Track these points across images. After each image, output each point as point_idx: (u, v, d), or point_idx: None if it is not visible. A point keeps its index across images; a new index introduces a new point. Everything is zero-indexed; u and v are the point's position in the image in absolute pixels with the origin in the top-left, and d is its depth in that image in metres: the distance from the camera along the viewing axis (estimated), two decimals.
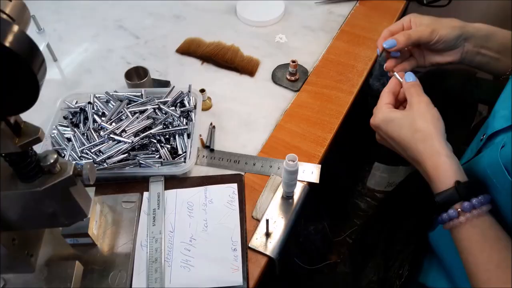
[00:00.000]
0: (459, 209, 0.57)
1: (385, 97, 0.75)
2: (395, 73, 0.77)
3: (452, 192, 0.58)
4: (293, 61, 0.88)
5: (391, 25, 0.83)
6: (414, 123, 0.66)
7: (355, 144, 1.08)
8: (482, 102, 1.13)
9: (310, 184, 0.76)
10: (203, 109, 0.86)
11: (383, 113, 0.71)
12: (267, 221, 0.66)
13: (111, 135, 0.74)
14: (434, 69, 0.91)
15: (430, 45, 0.77)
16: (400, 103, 0.75)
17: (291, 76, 0.90)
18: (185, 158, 0.75)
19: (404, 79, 0.73)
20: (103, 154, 0.73)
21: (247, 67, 0.94)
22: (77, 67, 0.98)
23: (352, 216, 1.12)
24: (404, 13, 1.06)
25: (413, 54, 0.83)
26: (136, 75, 0.87)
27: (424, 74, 0.97)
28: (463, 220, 0.57)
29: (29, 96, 0.41)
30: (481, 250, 0.55)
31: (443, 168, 0.60)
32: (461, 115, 1.13)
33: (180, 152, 0.76)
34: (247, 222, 0.70)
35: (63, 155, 0.76)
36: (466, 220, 0.56)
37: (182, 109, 0.81)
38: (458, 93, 1.14)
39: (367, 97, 0.91)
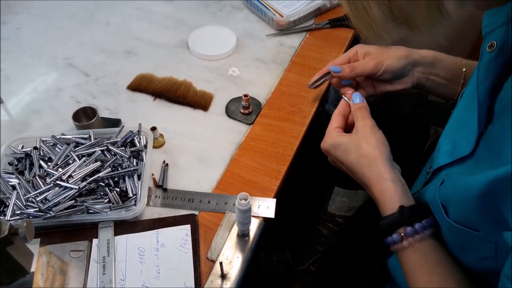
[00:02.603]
0: (402, 234, 0.58)
1: (335, 120, 0.76)
2: (343, 95, 0.78)
3: (395, 217, 0.59)
4: (245, 95, 0.88)
5: (337, 57, 0.85)
6: (360, 148, 0.67)
7: (314, 170, 1.09)
8: (434, 124, 1.16)
9: (266, 219, 0.75)
10: (156, 147, 0.85)
11: (331, 138, 0.72)
12: (221, 263, 0.65)
13: (57, 182, 0.71)
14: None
15: (377, 77, 0.79)
16: (350, 125, 0.76)
17: (244, 109, 0.90)
18: (135, 201, 0.73)
19: (352, 101, 0.74)
20: (49, 201, 0.70)
21: (200, 102, 0.94)
22: (25, 108, 0.94)
23: (315, 243, 1.12)
24: (353, 42, 1.08)
25: (360, 85, 0.85)
26: (85, 115, 0.85)
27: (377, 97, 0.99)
28: (406, 244, 0.58)
29: None
30: (422, 273, 0.57)
31: (388, 193, 0.62)
32: (414, 136, 1.15)
33: (130, 194, 0.74)
34: (202, 264, 0.68)
35: (7, 203, 0.73)
36: (408, 245, 0.58)
37: (132, 149, 0.79)
38: (410, 115, 1.17)
39: (324, 123, 0.92)
